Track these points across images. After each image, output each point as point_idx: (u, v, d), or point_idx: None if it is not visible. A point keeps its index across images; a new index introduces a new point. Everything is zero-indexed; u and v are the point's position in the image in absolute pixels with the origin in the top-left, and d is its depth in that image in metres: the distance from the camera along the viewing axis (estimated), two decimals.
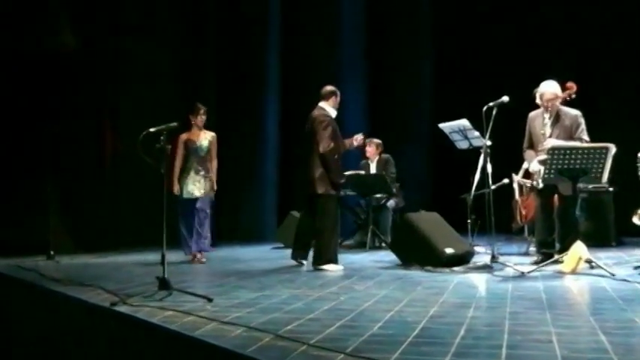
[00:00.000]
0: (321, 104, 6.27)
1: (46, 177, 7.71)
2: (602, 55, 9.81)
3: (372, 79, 11.44)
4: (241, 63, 10.49)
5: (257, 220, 10.43)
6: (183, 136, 6.98)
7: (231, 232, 10.11)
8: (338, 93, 6.34)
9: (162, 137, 4.56)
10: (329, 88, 6.34)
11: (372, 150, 8.67)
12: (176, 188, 6.90)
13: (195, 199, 6.88)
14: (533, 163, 5.95)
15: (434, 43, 11.65)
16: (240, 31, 10.53)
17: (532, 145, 6.10)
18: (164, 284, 4.45)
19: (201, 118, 6.99)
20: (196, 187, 6.92)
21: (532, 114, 6.15)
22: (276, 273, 5.86)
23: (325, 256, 6.00)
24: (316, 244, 6.08)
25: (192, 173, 6.93)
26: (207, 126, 7.13)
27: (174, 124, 4.71)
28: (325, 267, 5.94)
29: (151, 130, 4.61)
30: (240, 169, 10.39)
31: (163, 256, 4.45)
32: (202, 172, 6.96)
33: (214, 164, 7.05)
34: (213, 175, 7.03)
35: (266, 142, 10.50)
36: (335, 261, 6.04)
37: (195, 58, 10.13)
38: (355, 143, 6.47)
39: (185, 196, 6.90)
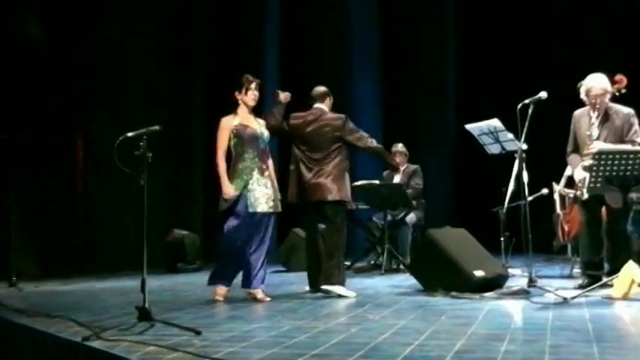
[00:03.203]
0: (318, 106, 6.33)
1: (8, 194, 7.74)
2: None
3: (388, 78, 11.47)
4: (234, 61, 10.53)
5: None
6: (228, 121, 5.89)
7: None
8: (331, 93, 6.46)
9: (142, 143, 4.58)
10: (322, 88, 6.43)
11: (400, 159, 8.68)
12: (230, 190, 5.71)
13: (265, 215, 5.82)
14: (578, 170, 5.95)
15: (458, 31, 11.69)
16: (233, 25, 10.58)
17: (577, 149, 6.10)
18: (144, 315, 4.45)
19: (252, 95, 5.90)
20: (265, 195, 5.81)
21: (577, 113, 6.14)
22: (276, 300, 5.85)
23: (339, 276, 6.01)
24: (327, 264, 6.06)
25: (256, 174, 5.80)
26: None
27: (156, 127, 4.72)
28: (335, 289, 5.92)
29: (129, 134, 4.63)
30: None
31: (144, 282, 4.45)
32: (268, 173, 5.90)
33: (271, 162, 6.07)
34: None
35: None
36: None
37: (181, 56, 10.21)
38: (283, 99, 6.22)
39: (251, 208, 5.73)
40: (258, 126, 5.92)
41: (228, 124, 5.85)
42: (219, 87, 10.45)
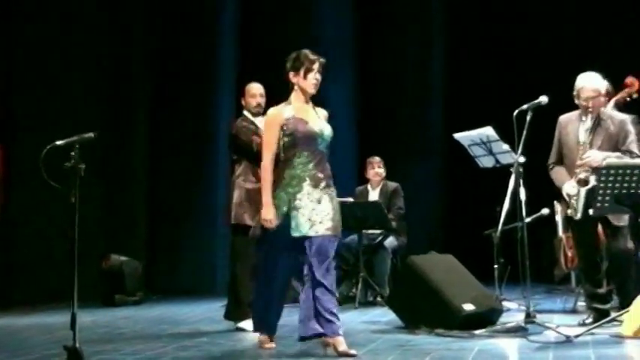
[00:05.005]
0: None
1: None
2: None
3: (363, 79, 11.51)
4: (183, 53, 10.50)
5: (203, 267, 10.40)
6: (278, 113, 5.23)
7: (168, 283, 10.05)
8: None
9: (73, 153, 4.56)
10: None
11: (375, 173, 8.69)
12: (271, 214, 5.08)
13: (321, 239, 5.04)
14: (569, 184, 5.98)
15: (445, 27, 11.76)
16: (182, 16, 10.56)
17: (562, 160, 6.17)
18: (74, 356, 4.42)
19: (314, 79, 5.25)
20: (321, 214, 5.06)
21: (563, 118, 6.22)
22: (231, 339, 5.84)
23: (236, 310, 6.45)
24: None
25: (306, 187, 5.09)
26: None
27: (91, 134, 4.71)
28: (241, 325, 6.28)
29: (59, 142, 4.61)
30: (181, 196, 10.37)
31: (74, 317, 4.42)
32: (324, 183, 5.14)
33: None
34: None
35: (217, 162, 10.48)
36: None
37: (119, 53, 10.12)
38: None
39: (296, 232, 5.05)
40: (318, 120, 5.28)
41: (277, 117, 5.19)
42: (166, 87, 10.50)
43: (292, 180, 5.09)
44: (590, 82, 6.02)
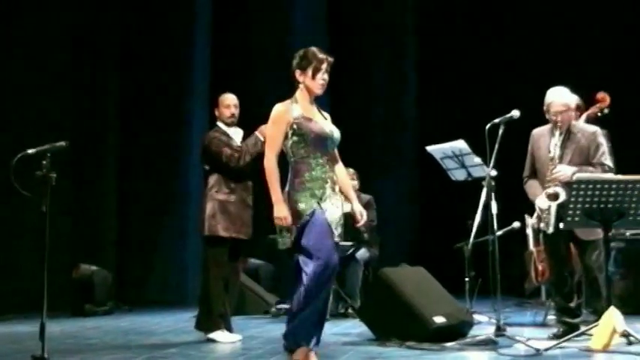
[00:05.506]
0: None
1: None
2: None
3: (335, 90, 11.52)
4: (155, 62, 10.48)
5: (174, 277, 10.36)
6: (285, 110, 4.89)
7: (138, 293, 10.00)
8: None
9: (44, 162, 4.55)
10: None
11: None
12: (286, 213, 4.71)
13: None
14: (541, 198, 6.03)
15: (418, 39, 11.82)
16: (156, 15, 10.55)
17: (535, 174, 6.23)
18: None
19: (322, 80, 4.97)
20: (335, 220, 4.81)
21: (536, 132, 6.27)
22: (201, 350, 5.82)
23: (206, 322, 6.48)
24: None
25: (328, 189, 4.83)
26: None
27: (62, 143, 4.70)
28: (213, 336, 6.33)
29: (30, 151, 4.60)
30: (152, 203, 10.33)
31: (43, 327, 4.40)
32: (337, 186, 4.94)
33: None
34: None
35: (188, 173, 10.47)
36: None
37: (90, 52, 10.08)
38: None
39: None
40: (326, 121, 5.01)
41: (286, 114, 4.86)
42: (137, 97, 10.46)
43: (315, 182, 4.78)
44: (559, 97, 6.07)
